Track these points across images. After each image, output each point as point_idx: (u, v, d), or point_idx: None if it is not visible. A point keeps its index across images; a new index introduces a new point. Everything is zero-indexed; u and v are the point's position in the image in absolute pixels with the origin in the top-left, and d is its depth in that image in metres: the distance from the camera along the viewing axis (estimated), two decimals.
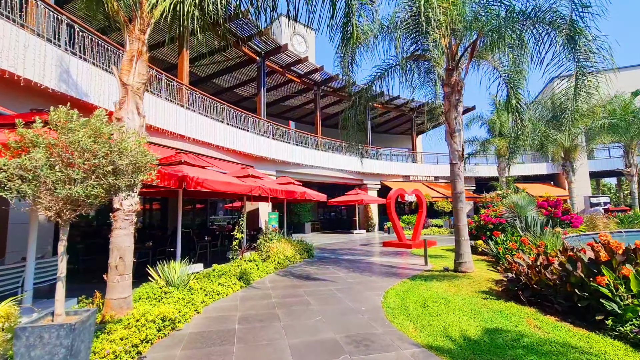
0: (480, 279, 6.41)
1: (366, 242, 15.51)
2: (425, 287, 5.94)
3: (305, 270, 8.05)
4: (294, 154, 17.15)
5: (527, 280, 4.75)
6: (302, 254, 9.89)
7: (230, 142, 13.03)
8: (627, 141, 19.28)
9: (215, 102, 12.74)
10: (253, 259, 8.15)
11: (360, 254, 11.26)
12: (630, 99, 19.06)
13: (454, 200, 7.24)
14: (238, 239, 7.57)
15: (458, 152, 7.24)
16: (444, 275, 6.87)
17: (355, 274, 7.58)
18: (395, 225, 13.15)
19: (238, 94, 20.95)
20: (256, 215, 14.92)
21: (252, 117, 14.84)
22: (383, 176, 23.93)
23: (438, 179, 26.75)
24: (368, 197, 20.79)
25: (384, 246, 13.30)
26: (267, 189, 8.74)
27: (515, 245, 7.38)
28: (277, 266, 8.15)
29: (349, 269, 8.14)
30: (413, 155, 27.29)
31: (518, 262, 5.13)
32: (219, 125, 12.45)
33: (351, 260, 9.78)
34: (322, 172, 19.27)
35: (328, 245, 13.93)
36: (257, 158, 14.72)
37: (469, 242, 7.13)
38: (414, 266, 8.38)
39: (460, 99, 7.36)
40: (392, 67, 8.30)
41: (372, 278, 7.03)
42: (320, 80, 20.44)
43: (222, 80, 19.09)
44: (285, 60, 17.47)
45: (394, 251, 11.74)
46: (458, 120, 7.31)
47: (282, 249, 8.79)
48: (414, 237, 13.68)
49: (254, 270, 7.16)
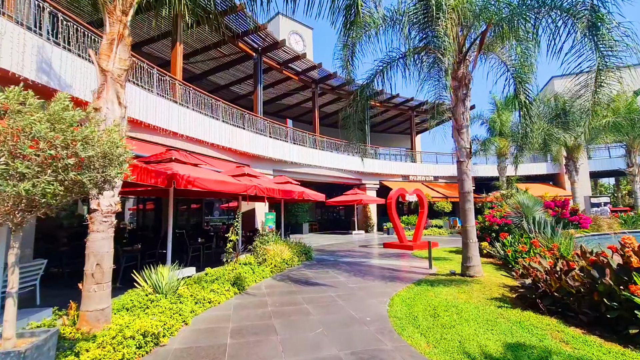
0: (491, 285, 6.01)
1: (365, 244, 15.11)
2: (433, 294, 5.53)
3: (304, 274, 7.62)
4: (291, 152, 16.72)
5: (546, 287, 4.35)
6: (300, 256, 9.47)
7: (226, 140, 12.58)
8: (630, 140, 19.02)
9: (210, 99, 12.29)
10: (248, 262, 7.72)
11: (361, 256, 10.85)
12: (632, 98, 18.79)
13: (462, 201, 6.84)
14: (232, 241, 7.13)
15: (466, 149, 6.84)
16: (452, 280, 6.46)
17: (356, 278, 7.17)
18: (396, 226, 12.76)
19: (234, 92, 20.50)
20: (252, 215, 14.48)
21: (249, 114, 14.40)
22: (382, 176, 23.54)
23: (438, 179, 26.40)
24: (367, 197, 20.40)
25: (384, 247, 12.89)
26: (263, 188, 8.32)
27: (526, 248, 6.99)
28: (274, 270, 7.72)
29: (349, 273, 7.72)
30: (412, 155, 26.91)
31: (536, 268, 4.73)
32: (214, 123, 12.00)
33: (351, 262, 9.37)
34: (320, 172, 18.86)
35: (327, 247, 13.52)
36: (253, 157, 14.28)
37: (477, 244, 6.73)
38: (418, 269, 7.98)
39: (468, 94, 6.97)
40: (395, 60, 7.88)
41: (375, 283, 6.62)
42: (319, 78, 20.03)
43: (218, 78, 18.64)
44: (283, 57, 17.04)
45: (395, 253, 11.34)
46: (465, 116, 6.91)
47: (279, 251, 8.36)
48: (415, 238, 13.28)
49: (249, 275, 6.73)
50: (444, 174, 26.56)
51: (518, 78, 7.86)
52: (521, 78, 7.82)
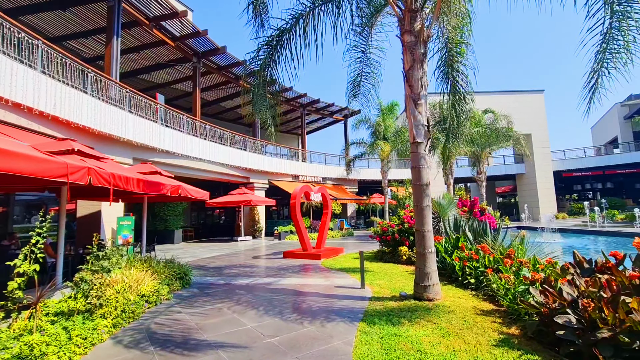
0: (465, 312, 4.33)
1: (258, 253, 12.38)
2: (406, 343, 3.43)
3: (180, 322, 4.48)
4: (162, 137, 12.61)
5: (604, 327, 2.77)
6: (173, 282, 6.16)
7: (51, 104, 7.98)
8: (478, 151, 22.13)
9: (16, 31, 7.53)
10: (70, 311, 4.11)
11: (260, 273, 8.15)
12: (481, 116, 21.91)
13: (417, 195, 5.07)
14: (24, 272, 3.49)
15: (424, 126, 5.11)
16: (411, 309, 4.54)
17: (270, 318, 4.51)
18: (300, 231, 10.54)
19: (76, 49, 14.73)
20: (97, 220, 9.92)
21: (95, 73, 9.84)
22: (272, 174, 21.19)
23: (326, 180, 25.77)
24: (257, 198, 17.65)
25: (285, 258, 10.48)
26: (106, 174, 4.79)
27: (477, 256, 5.76)
28: (121, 320, 4.29)
29: (256, 309, 4.98)
30: (302, 154, 25.51)
31: (566, 292, 3.17)
32: (23, 70, 7.34)
33: (252, 286, 6.60)
34: (201, 165, 15.15)
35: (210, 262, 10.20)
36: (101, 136, 9.81)
37: (435, 254, 5.05)
38: (348, 292, 5.87)
39: (426, 53, 5.30)
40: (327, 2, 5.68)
41: (305, 327, 4.12)
42: (202, 51, 16.31)
43: (47, 23, 12.81)
44: (154, 9, 12.78)
45: (302, 265, 9.08)
46: (424, 82, 5.22)
47: (132, 282, 4.93)
48: (319, 245, 11.39)
49: (55, 349, 3.23)
50: (332, 175, 26.16)
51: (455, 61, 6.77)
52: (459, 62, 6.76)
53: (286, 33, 6.16)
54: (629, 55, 4.04)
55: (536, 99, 30.08)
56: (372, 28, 7.39)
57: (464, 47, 6.72)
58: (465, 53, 6.79)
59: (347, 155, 25.20)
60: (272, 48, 6.32)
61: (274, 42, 6.20)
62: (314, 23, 5.98)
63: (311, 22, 5.96)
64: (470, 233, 7.31)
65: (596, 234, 16.07)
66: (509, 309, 4.11)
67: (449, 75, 6.89)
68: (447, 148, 9.38)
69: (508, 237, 6.87)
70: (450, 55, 6.78)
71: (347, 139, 28.52)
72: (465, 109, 7.31)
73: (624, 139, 34.02)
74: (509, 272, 4.84)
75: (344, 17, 5.96)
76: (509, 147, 22.62)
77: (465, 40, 6.69)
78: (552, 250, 6.43)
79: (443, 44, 6.87)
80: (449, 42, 6.73)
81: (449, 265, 6.29)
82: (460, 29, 6.60)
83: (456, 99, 7.12)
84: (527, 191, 30.55)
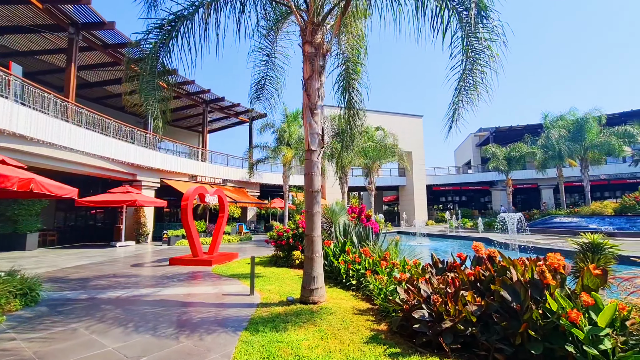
0: (344, 313, 4.63)
1: (140, 260, 11.00)
2: (286, 349, 3.47)
3: (8, 352, 3.57)
4: (15, 117, 10.18)
5: (447, 317, 3.31)
6: (8, 301, 4.94)
7: None
8: (371, 163, 24.49)
9: None
10: None
11: (138, 284, 7.21)
12: (373, 132, 24.36)
13: (308, 202, 5.24)
14: None
15: (318, 135, 5.33)
16: (296, 313, 4.63)
17: (140, 335, 3.99)
18: (192, 235, 9.77)
19: None
20: None
21: None
22: (164, 173, 19.28)
23: (227, 182, 24.75)
24: (144, 198, 15.72)
25: (172, 265, 9.55)
26: None
27: (360, 259, 6.26)
28: None
29: (124, 326, 4.34)
30: (203, 154, 23.93)
31: (423, 290, 3.68)
32: None
33: (124, 300, 5.78)
34: (72, 157, 12.77)
35: (74, 273, 8.58)
36: None
37: (322, 259, 5.29)
38: (236, 299, 5.67)
39: (324, 66, 5.56)
40: None
41: (181, 342, 3.78)
42: (84, 23, 13.88)
43: None
44: None
45: (189, 272, 8.41)
46: (321, 93, 5.45)
47: None
48: (212, 250, 10.78)
49: None
50: (234, 177, 25.29)
51: (351, 77, 7.38)
52: (355, 78, 7.38)
53: (184, 20, 5.71)
54: (478, 92, 5.02)
55: (416, 122, 35.12)
56: (278, 33, 7.47)
57: (360, 66, 7.40)
58: (360, 72, 7.47)
59: (250, 158, 24.68)
60: (166, 33, 5.78)
61: (169, 26, 5.67)
62: (217, 15, 5.71)
63: (213, 14, 5.68)
64: (356, 238, 7.94)
65: (453, 238, 19.55)
66: (381, 307, 4.57)
67: (347, 91, 7.46)
68: (342, 158, 10.04)
69: (386, 241, 7.69)
70: (348, 72, 7.36)
71: (252, 142, 28.01)
72: (358, 124, 8.00)
73: (475, 162, 42.68)
74: (384, 273, 5.41)
75: (249, 15, 5.87)
76: (395, 161, 25.45)
77: (361, 60, 7.37)
78: (420, 252, 7.47)
79: (343, 61, 7.42)
80: (348, 60, 7.31)
81: (335, 269, 6.68)
82: (357, 49, 7.25)
83: (351, 114, 7.74)
84: (406, 201, 35.24)
